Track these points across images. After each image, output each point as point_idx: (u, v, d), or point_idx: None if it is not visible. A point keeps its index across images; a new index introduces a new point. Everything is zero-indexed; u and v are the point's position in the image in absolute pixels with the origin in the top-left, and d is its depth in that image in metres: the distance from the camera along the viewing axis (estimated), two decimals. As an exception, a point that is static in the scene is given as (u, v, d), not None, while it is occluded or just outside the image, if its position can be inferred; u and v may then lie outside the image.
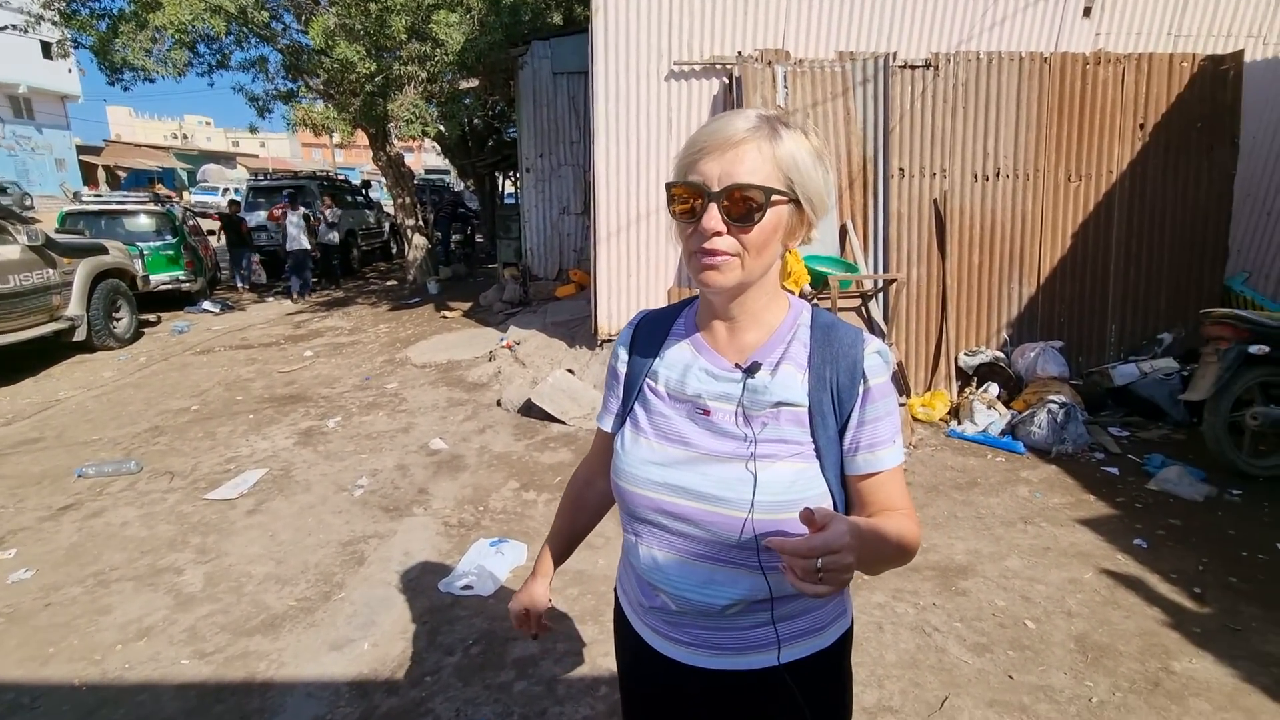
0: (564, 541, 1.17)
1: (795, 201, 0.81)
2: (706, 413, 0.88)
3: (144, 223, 8.94)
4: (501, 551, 2.98)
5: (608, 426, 1.03)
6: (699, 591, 0.88)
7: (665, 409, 0.92)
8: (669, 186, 0.83)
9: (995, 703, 2.11)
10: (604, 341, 5.48)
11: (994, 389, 4.66)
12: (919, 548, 0.89)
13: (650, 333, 0.98)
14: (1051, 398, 4.22)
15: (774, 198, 0.79)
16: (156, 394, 5.58)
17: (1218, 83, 4.88)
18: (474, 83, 8.85)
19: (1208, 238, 5.04)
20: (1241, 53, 4.89)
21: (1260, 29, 5.28)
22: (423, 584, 2.82)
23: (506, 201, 16.85)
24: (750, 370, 0.86)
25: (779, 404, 0.85)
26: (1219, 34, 5.27)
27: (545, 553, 1.16)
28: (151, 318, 8.59)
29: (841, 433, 0.86)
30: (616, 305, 5.42)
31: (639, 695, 1.06)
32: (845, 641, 0.96)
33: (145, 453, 4.28)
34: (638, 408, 0.95)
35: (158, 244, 8.76)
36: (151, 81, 7.92)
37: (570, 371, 5.29)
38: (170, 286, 8.88)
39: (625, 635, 1.04)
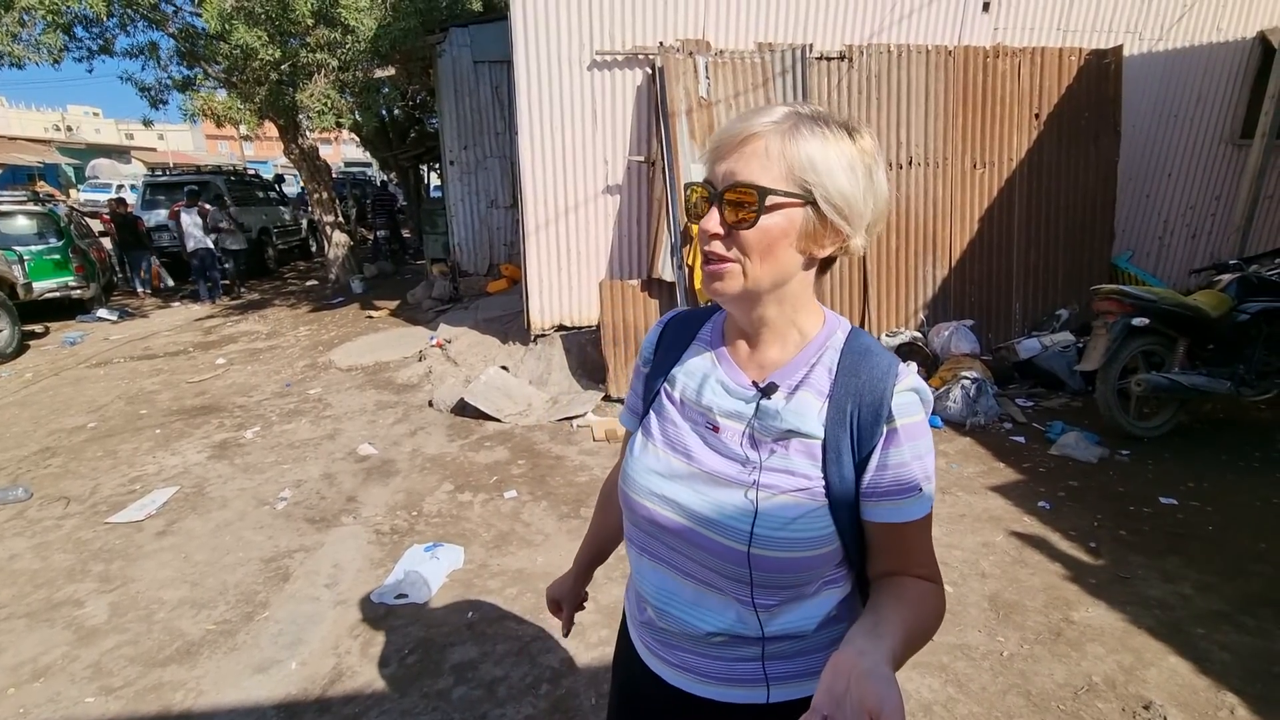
0: (595, 544, 1.16)
1: (813, 204, 0.73)
2: (715, 429, 0.83)
3: (23, 224, 8.11)
4: (437, 556, 2.90)
5: (630, 426, 0.98)
6: (685, 611, 0.85)
7: (676, 418, 0.87)
8: (687, 187, 0.78)
9: (918, 664, 2.23)
10: (538, 336, 5.41)
11: (913, 367, 4.90)
12: (943, 602, 0.82)
13: (677, 335, 0.93)
14: (964, 374, 4.49)
15: (773, 199, 0.71)
16: (46, 412, 5.11)
17: (1101, 75, 5.28)
18: (390, 71, 8.48)
19: (1096, 220, 5.46)
20: (1121, 47, 5.30)
21: (1137, 25, 5.73)
22: (354, 596, 2.72)
23: (433, 195, 16.32)
24: (766, 391, 0.80)
25: (790, 432, 0.78)
26: (1102, 29, 5.68)
27: (581, 553, 1.18)
28: (38, 329, 7.85)
29: (859, 472, 0.77)
30: (549, 299, 5.36)
31: (630, 709, 1.02)
32: None
33: (35, 477, 3.92)
34: (652, 412, 0.91)
35: (41, 248, 7.98)
36: (20, 67, 7.16)
37: (504, 368, 5.20)
38: (59, 294, 8.12)
39: (624, 646, 1.02)
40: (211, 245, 9.23)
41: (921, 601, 0.77)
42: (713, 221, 0.74)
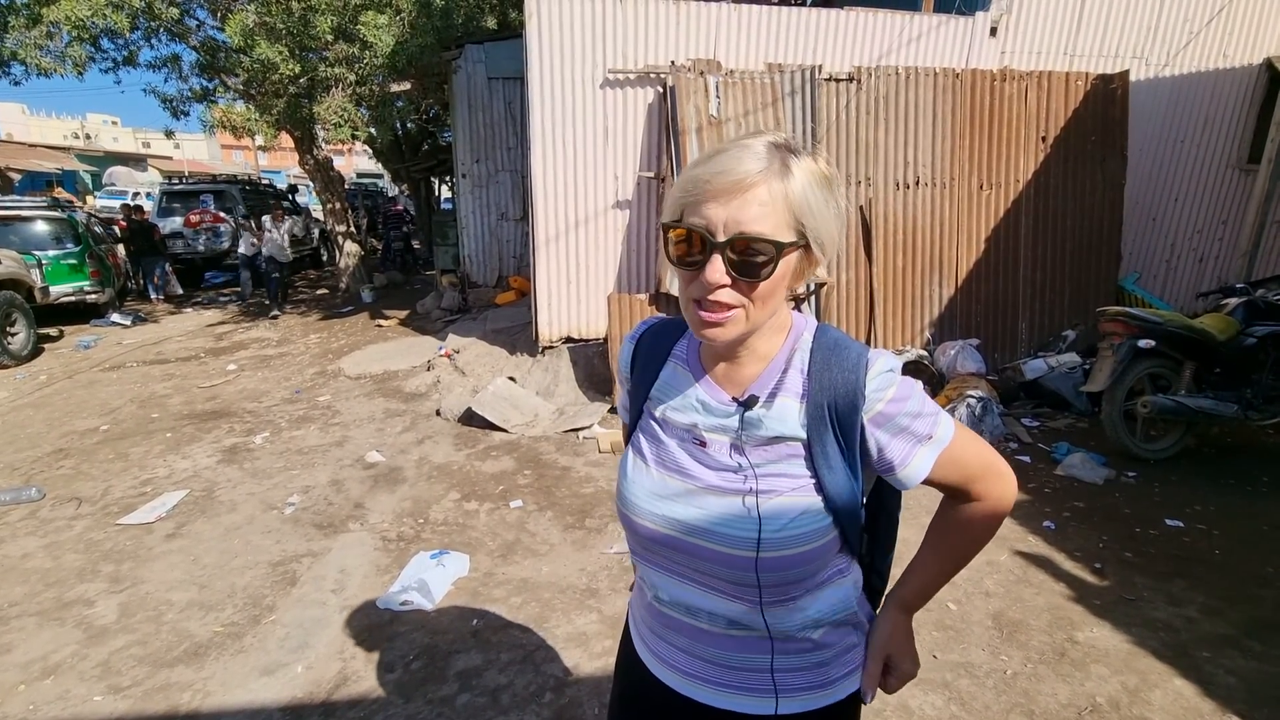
0: None
1: (805, 245, 0.76)
2: (703, 444, 0.85)
3: (42, 229, 8.26)
4: (443, 563, 2.92)
5: (625, 419, 1.05)
6: (693, 599, 0.88)
7: (664, 437, 0.89)
8: (666, 227, 0.76)
9: (921, 681, 2.23)
10: (545, 348, 5.46)
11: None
12: (1010, 498, 0.88)
13: (651, 350, 0.95)
14: (970, 393, 4.49)
15: (785, 250, 0.73)
16: (60, 414, 5.18)
17: (1108, 99, 5.33)
18: (406, 86, 8.63)
19: (1103, 242, 5.49)
20: (1127, 72, 5.36)
21: (1143, 50, 5.79)
22: (360, 601, 2.74)
23: (443, 207, 16.50)
24: (747, 404, 0.83)
25: (776, 438, 0.82)
26: (1108, 54, 5.75)
27: None
28: (53, 332, 7.96)
29: (861, 460, 0.83)
30: (557, 312, 5.41)
31: (633, 713, 1.03)
32: (856, 698, 0.92)
33: (48, 478, 3.97)
34: (639, 432, 0.94)
35: (58, 252, 8.12)
36: (47, 77, 7.33)
37: (512, 379, 5.24)
38: (74, 298, 8.24)
39: (627, 654, 1.03)
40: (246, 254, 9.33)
41: (948, 534, 0.94)
42: (719, 273, 0.73)
